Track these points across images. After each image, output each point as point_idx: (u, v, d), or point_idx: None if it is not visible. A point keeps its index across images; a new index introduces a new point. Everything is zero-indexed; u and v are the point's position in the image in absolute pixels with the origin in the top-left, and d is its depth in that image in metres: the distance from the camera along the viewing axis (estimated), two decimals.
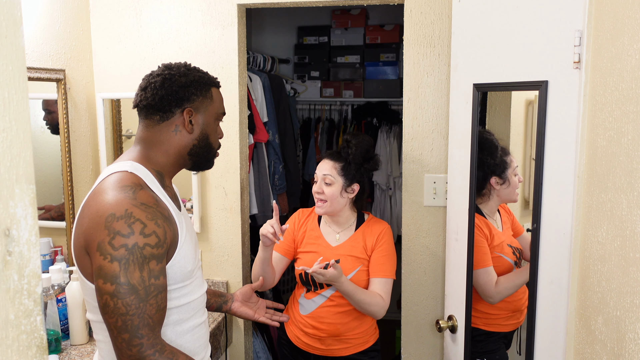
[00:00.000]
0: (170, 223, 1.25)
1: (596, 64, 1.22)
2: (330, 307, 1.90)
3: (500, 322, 1.86)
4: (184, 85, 1.33)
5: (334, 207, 1.92)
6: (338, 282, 1.80)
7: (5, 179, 0.52)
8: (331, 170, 1.91)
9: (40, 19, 2.07)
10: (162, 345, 1.20)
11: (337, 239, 1.97)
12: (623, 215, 1.07)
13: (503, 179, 1.79)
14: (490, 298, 1.79)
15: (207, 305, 1.66)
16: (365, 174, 1.97)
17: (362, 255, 1.92)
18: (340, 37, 4.04)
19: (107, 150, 2.34)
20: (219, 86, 1.44)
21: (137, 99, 1.35)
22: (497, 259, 1.80)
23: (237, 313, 1.74)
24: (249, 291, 1.77)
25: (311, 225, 2.03)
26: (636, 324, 1.03)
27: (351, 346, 1.93)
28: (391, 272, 1.91)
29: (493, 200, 1.83)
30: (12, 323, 0.53)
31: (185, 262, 1.30)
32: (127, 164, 1.28)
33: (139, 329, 1.15)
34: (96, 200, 1.22)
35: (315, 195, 1.93)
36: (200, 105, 1.35)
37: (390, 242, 1.96)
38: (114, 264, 1.14)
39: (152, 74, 1.36)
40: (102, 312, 1.17)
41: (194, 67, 1.39)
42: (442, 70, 2.06)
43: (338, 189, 1.91)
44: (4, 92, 0.52)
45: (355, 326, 1.92)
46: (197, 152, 1.38)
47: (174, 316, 1.31)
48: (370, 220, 2.00)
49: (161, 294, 1.20)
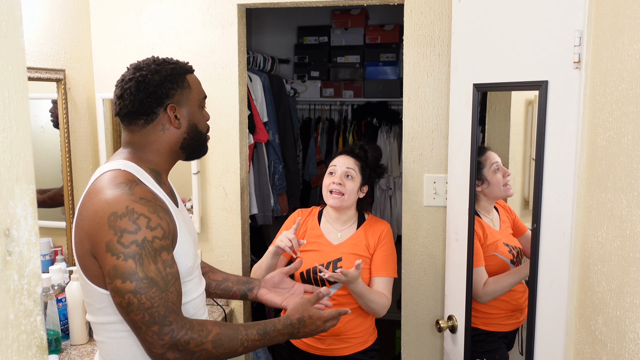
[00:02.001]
0: (170, 216, 1.25)
1: (596, 64, 1.22)
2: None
3: (500, 322, 1.86)
4: (160, 83, 1.30)
5: (348, 202, 1.94)
6: (355, 283, 1.78)
7: (5, 179, 0.52)
8: (354, 166, 1.94)
9: (40, 19, 2.07)
10: (190, 322, 1.22)
11: (338, 237, 1.98)
12: (623, 215, 1.07)
13: (480, 179, 1.79)
14: (478, 298, 1.79)
15: (230, 293, 1.63)
16: (375, 177, 2.03)
17: (364, 253, 1.93)
18: (340, 37, 4.04)
19: (107, 150, 2.34)
20: (193, 71, 1.40)
21: (116, 108, 1.32)
22: (490, 257, 1.80)
23: (263, 300, 1.62)
24: (278, 276, 1.63)
25: (311, 224, 2.02)
26: (636, 324, 1.03)
27: (351, 345, 1.93)
28: (393, 271, 1.93)
29: (482, 199, 1.83)
30: (12, 323, 0.53)
31: (185, 258, 1.30)
32: (119, 163, 1.28)
33: (166, 317, 1.17)
34: (93, 200, 1.21)
35: (333, 186, 1.92)
36: (180, 98, 1.33)
37: (391, 241, 1.98)
38: (129, 261, 1.15)
39: (123, 80, 1.32)
40: (126, 312, 1.16)
41: (163, 60, 1.35)
42: (442, 70, 2.06)
43: (357, 185, 1.94)
44: (4, 92, 0.52)
45: (355, 325, 1.92)
46: (190, 144, 1.37)
47: None
48: (371, 220, 2.02)
49: (178, 280, 1.23)
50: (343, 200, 1.92)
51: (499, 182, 1.78)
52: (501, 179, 1.78)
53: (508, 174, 1.77)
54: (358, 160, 1.96)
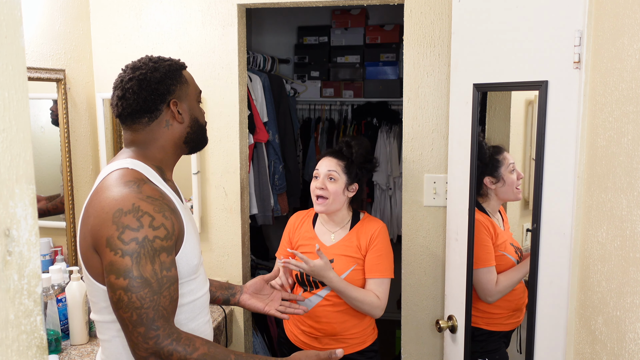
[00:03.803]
0: (177, 215, 1.26)
1: (596, 64, 1.22)
2: (326, 306, 1.90)
3: (502, 322, 1.86)
4: (160, 80, 1.31)
5: (334, 205, 1.90)
6: (327, 277, 1.79)
7: (5, 179, 0.52)
8: (336, 167, 1.90)
9: (40, 19, 2.07)
10: (178, 333, 1.20)
11: (331, 238, 1.96)
12: (623, 215, 1.07)
13: (496, 177, 1.78)
14: (490, 297, 1.79)
15: (213, 298, 1.64)
16: (365, 174, 1.97)
17: (356, 254, 1.90)
18: (340, 37, 4.04)
19: (107, 150, 2.34)
20: (186, 67, 1.42)
21: (118, 109, 1.33)
22: (500, 257, 1.80)
23: (246, 306, 1.68)
24: (260, 282, 1.70)
25: (306, 227, 2.02)
26: (636, 324, 1.03)
27: (348, 346, 1.92)
28: (387, 271, 1.90)
29: (493, 199, 1.82)
30: (12, 323, 0.53)
31: (192, 256, 1.31)
32: (126, 162, 1.29)
33: (154, 321, 1.16)
34: (100, 197, 1.22)
35: (316, 191, 1.90)
36: (181, 93, 1.35)
37: (385, 241, 1.93)
38: (126, 258, 1.14)
39: (123, 80, 1.33)
40: (116, 307, 1.17)
41: (158, 58, 1.37)
42: (442, 70, 2.06)
43: (341, 186, 1.89)
44: (4, 92, 0.52)
45: (351, 325, 1.92)
46: (193, 138, 1.39)
47: (179, 315, 1.31)
48: (365, 220, 1.98)
49: (173, 285, 1.21)
50: (328, 204, 1.89)
51: (513, 183, 1.78)
52: (515, 181, 1.78)
53: (521, 176, 1.76)
54: (341, 159, 1.91)
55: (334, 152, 1.95)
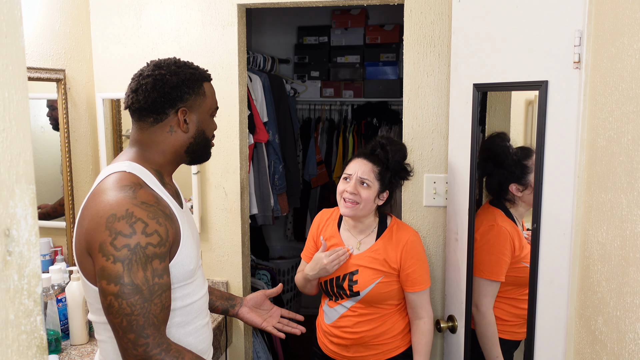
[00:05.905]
0: (172, 221, 1.25)
1: (596, 64, 1.22)
2: (352, 317, 1.83)
3: (514, 330, 1.78)
4: (176, 85, 1.29)
5: (363, 212, 1.78)
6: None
7: (5, 179, 0.52)
8: (369, 174, 1.76)
9: (40, 19, 2.07)
10: (168, 344, 1.19)
11: (358, 247, 1.85)
12: (623, 215, 1.07)
13: (524, 184, 1.65)
14: (477, 311, 1.75)
15: (212, 307, 1.64)
16: (398, 182, 1.85)
17: (382, 267, 1.79)
18: (340, 37, 4.04)
19: (107, 150, 2.34)
20: (211, 79, 1.40)
21: (128, 100, 1.32)
22: (522, 269, 1.65)
23: (244, 319, 1.67)
24: (260, 297, 1.69)
25: (331, 230, 1.92)
26: (636, 324, 1.03)
27: (379, 352, 1.84)
28: (427, 282, 1.82)
29: (521, 205, 1.71)
30: (12, 323, 0.53)
31: (188, 261, 1.30)
32: (124, 164, 1.28)
33: (144, 328, 1.15)
34: (96, 201, 1.21)
35: (346, 194, 1.77)
36: (193, 104, 1.33)
37: (420, 251, 1.82)
38: (117, 264, 1.14)
39: (141, 75, 1.31)
40: (107, 313, 1.16)
41: (184, 63, 1.34)
42: (442, 70, 2.06)
43: (374, 194, 1.77)
44: (4, 92, 0.52)
45: (382, 332, 1.83)
46: (195, 149, 1.37)
47: (177, 318, 1.31)
48: (394, 227, 1.85)
49: (165, 293, 1.20)
50: (357, 210, 1.77)
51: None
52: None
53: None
54: (377, 164, 1.78)
55: (368, 155, 1.81)
